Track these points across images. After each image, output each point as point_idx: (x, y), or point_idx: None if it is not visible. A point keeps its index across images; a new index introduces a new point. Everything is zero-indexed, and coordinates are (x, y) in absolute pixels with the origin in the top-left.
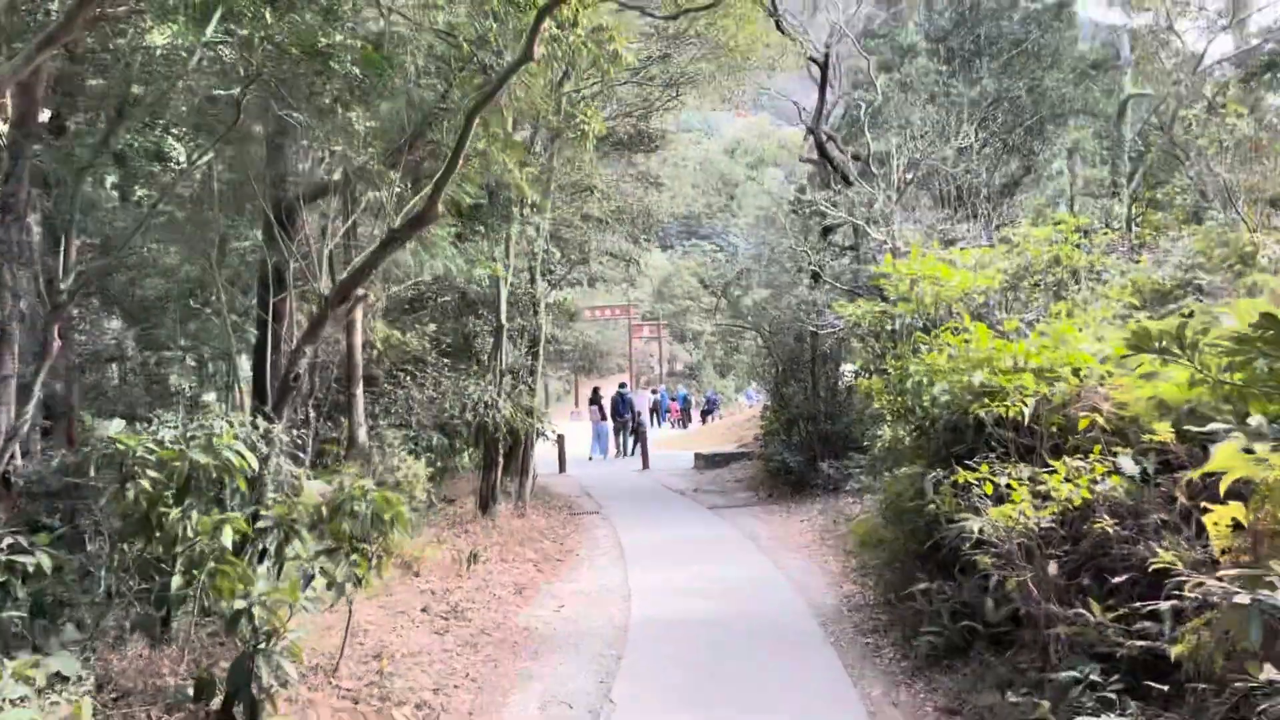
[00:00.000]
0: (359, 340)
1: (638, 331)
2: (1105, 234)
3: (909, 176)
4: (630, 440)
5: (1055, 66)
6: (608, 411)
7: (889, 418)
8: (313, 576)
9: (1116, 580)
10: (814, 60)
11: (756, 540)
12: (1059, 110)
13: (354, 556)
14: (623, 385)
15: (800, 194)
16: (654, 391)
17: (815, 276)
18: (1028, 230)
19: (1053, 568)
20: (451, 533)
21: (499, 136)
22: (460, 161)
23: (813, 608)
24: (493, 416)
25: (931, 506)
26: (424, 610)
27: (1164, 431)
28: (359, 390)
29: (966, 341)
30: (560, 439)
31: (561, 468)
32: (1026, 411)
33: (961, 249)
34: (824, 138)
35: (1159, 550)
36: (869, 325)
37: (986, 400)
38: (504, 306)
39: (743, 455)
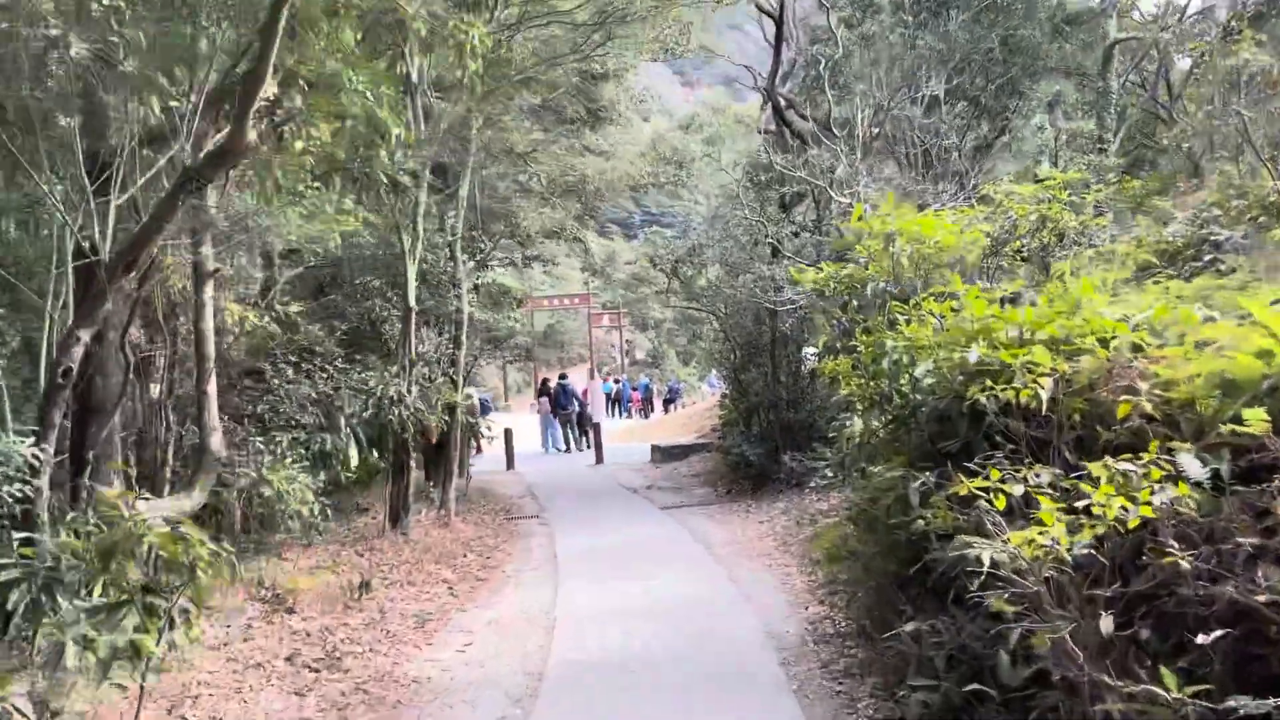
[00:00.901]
0: (209, 326)
1: (597, 320)
2: (1098, 190)
3: (875, 132)
4: (577, 433)
5: (1029, 19)
6: (561, 405)
7: (859, 406)
8: (65, 647)
9: (1200, 639)
10: (766, 12)
11: (711, 546)
12: (1033, 68)
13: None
14: (563, 375)
15: (757, 161)
16: (615, 381)
17: (774, 251)
18: (1010, 188)
19: (1106, 623)
20: (352, 552)
21: (348, 49)
22: (269, 70)
23: (772, 638)
24: (398, 414)
25: (920, 523)
26: (289, 659)
27: (1256, 420)
28: (210, 387)
29: (955, 310)
30: (507, 433)
31: (509, 464)
32: (1044, 395)
33: (936, 211)
34: (781, 101)
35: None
36: (834, 293)
37: (988, 382)
38: (412, 285)
39: (702, 447)
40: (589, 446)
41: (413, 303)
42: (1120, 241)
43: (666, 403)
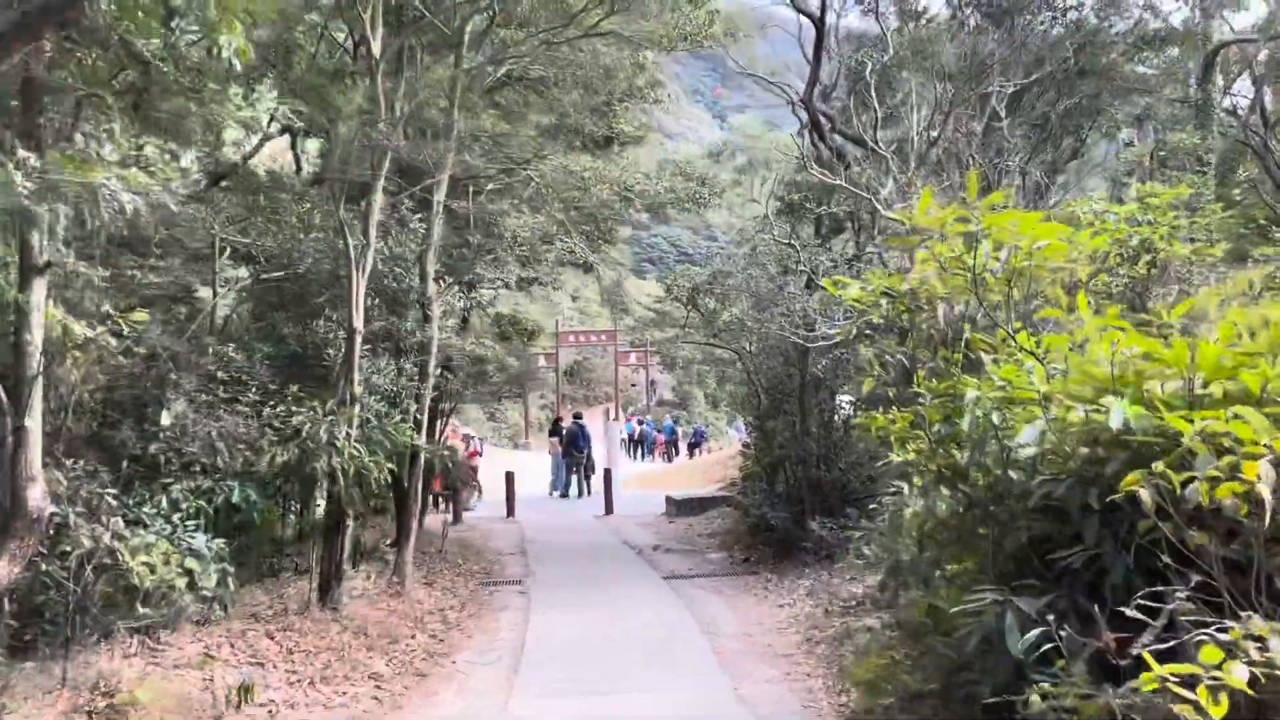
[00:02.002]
0: (36, 339)
1: (624, 359)
2: (1212, 211)
3: (928, 146)
4: (585, 477)
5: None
6: (578, 446)
7: (916, 480)
8: None
9: None
10: (805, 13)
11: (717, 637)
12: (1111, 86)
13: None
14: (578, 415)
15: (790, 180)
16: (640, 422)
17: (807, 283)
18: (1105, 206)
19: None
20: (262, 633)
21: None
22: None
23: None
24: (326, 461)
25: (1036, 701)
26: None
27: None
28: (32, 421)
29: (1078, 347)
30: (509, 477)
31: (509, 511)
32: (1266, 494)
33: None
34: (820, 117)
35: None
36: (888, 318)
37: (1154, 466)
38: (358, 303)
39: (722, 500)
40: (588, 493)
41: (357, 324)
42: (1232, 277)
43: (691, 447)
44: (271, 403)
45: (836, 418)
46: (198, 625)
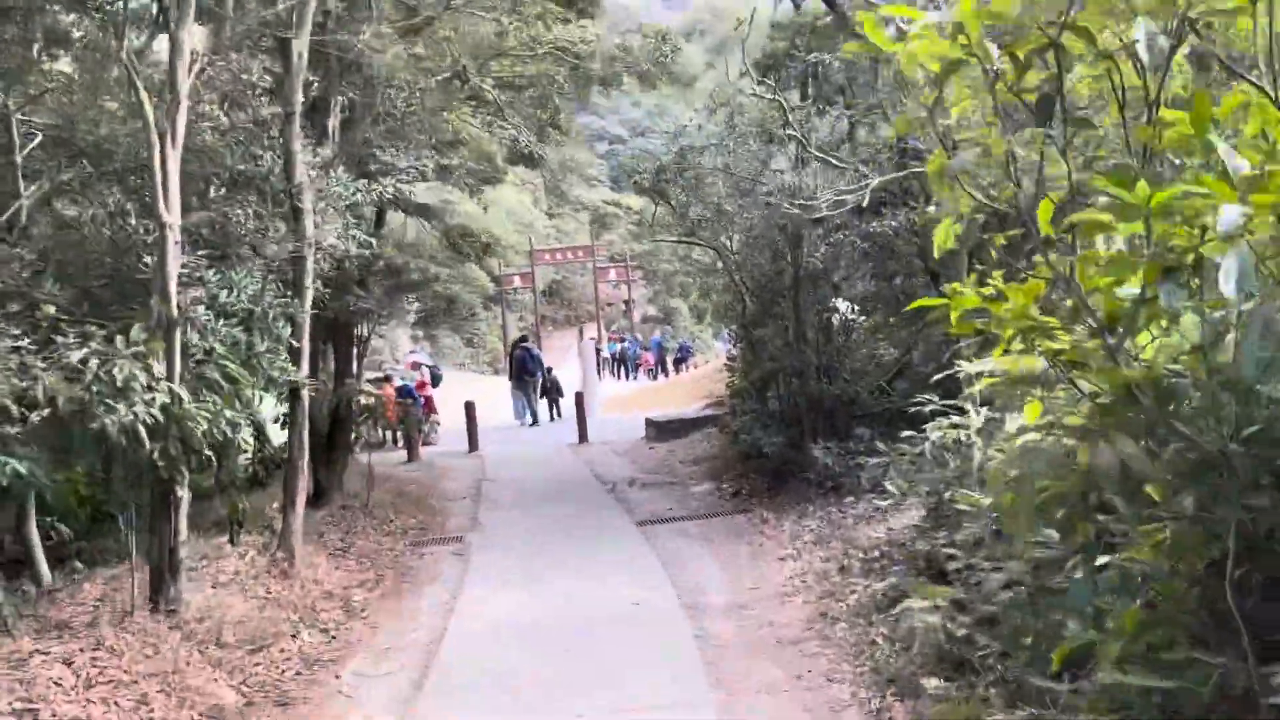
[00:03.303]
0: None
1: (604, 275)
2: None
3: None
4: (554, 404)
5: None
6: (529, 371)
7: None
8: None
9: None
10: None
11: (702, 615)
12: None
13: None
14: (523, 338)
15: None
16: (621, 340)
17: (798, 157)
18: None
19: None
20: (51, 659)
21: None
22: None
23: None
24: (124, 418)
25: None
26: None
27: None
28: None
29: None
30: (469, 407)
31: (471, 445)
32: None
33: None
34: None
35: None
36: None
37: None
38: (170, 183)
39: (708, 420)
40: (558, 417)
41: (168, 215)
42: None
43: (677, 363)
44: (70, 334)
45: (836, 319)
46: None
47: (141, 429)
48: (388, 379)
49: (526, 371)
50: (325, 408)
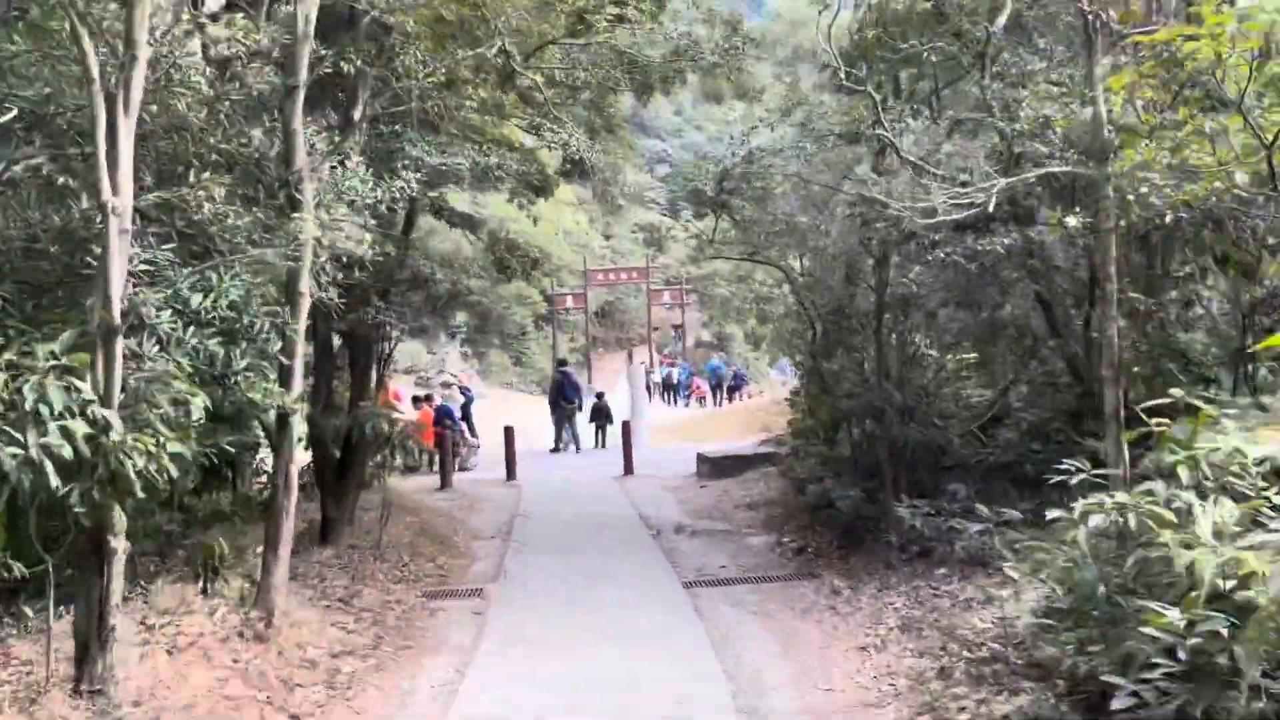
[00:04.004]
0: None
1: (657, 297)
2: None
3: None
4: (600, 430)
5: None
6: (566, 397)
7: None
8: None
9: None
10: None
11: None
12: None
13: None
14: (562, 361)
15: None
16: (672, 363)
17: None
18: None
19: None
20: None
21: None
22: None
23: None
24: (31, 450)
25: None
26: None
27: None
28: None
29: None
30: (508, 432)
31: (509, 473)
32: None
33: None
34: None
35: None
36: None
37: None
38: (122, 158)
39: (764, 459)
40: (603, 446)
41: (113, 197)
42: None
43: (730, 391)
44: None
45: (920, 352)
46: None
47: (50, 465)
48: (428, 398)
49: (563, 398)
50: (336, 432)
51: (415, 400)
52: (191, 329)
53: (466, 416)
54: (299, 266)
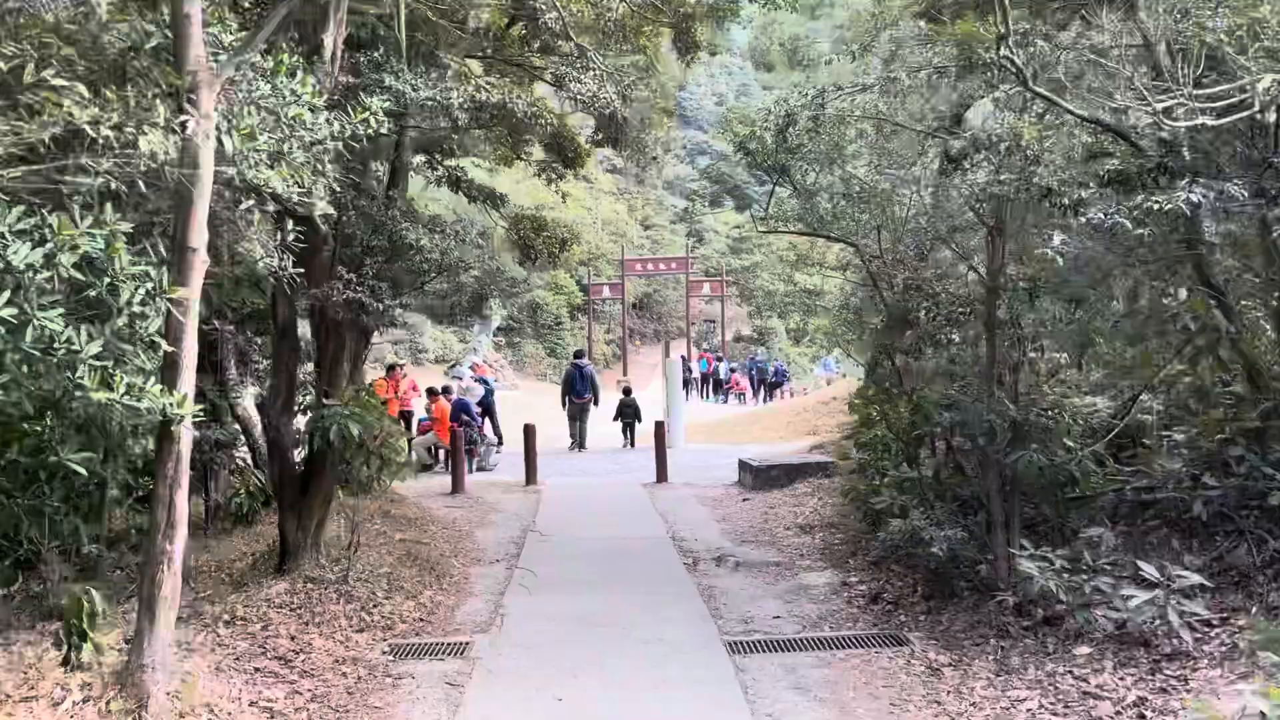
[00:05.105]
0: None
1: (696, 289)
2: None
3: None
4: (629, 427)
5: None
6: (576, 391)
7: None
8: None
9: None
10: None
11: None
12: None
13: None
14: (579, 353)
15: None
16: (717, 358)
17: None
18: None
19: None
20: None
21: None
22: None
23: None
24: None
25: None
26: None
27: None
28: None
29: None
30: (528, 431)
31: (529, 477)
32: None
33: None
34: None
35: None
36: None
37: None
38: None
39: (816, 468)
40: (631, 445)
41: None
42: None
43: (771, 388)
44: None
45: (1032, 360)
46: None
47: None
48: (445, 391)
49: (575, 393)
50: (297, 437)
51: (430, 392)
52: (12, 295)
53: (488, 411)
54: (188, 209)
